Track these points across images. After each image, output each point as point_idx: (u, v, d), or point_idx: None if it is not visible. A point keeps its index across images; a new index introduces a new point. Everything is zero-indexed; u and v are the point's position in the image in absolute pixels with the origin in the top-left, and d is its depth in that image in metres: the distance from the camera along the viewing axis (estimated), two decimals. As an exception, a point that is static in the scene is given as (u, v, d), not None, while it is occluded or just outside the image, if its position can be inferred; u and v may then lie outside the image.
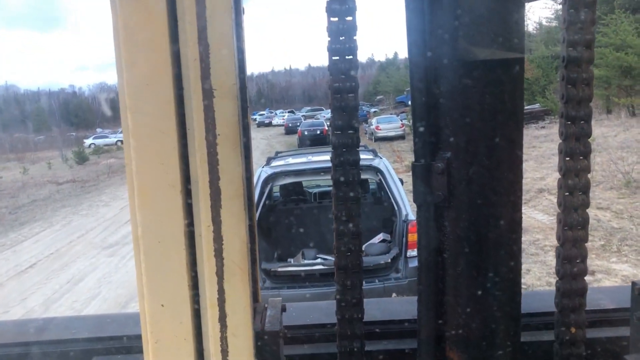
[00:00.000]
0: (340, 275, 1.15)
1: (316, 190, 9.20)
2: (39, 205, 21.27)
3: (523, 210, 1.10)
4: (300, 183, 8.60)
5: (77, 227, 16.01)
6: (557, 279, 1.20)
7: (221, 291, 0.99)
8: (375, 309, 1.46)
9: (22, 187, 26.98)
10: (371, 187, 8.67)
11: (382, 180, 7.19)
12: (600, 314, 1.38)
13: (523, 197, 1.12)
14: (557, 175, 1.14)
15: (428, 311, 1.13)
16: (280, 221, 7.99)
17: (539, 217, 11.70)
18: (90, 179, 29.20)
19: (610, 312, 1.39)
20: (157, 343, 1.00)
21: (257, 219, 1.22)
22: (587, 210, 1.14)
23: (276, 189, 8.37)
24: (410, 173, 1.11)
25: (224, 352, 1.01)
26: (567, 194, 1.12)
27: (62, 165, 38.19)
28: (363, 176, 7.58)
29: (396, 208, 6.87)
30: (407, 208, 6.69)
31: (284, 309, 1.19)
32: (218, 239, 0.97)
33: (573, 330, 1.20)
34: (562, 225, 1.15)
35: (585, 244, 1.16)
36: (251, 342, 1.03)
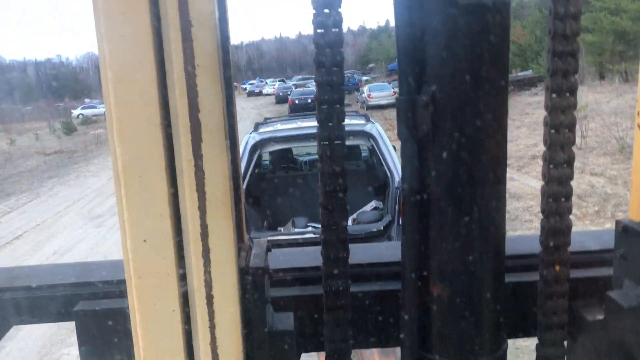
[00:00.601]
0: (325, 217, 1.15)
1: (307, 158, 9.07)
2: (25, 176, 21.11)
3: (516, 177, 1.10)
4: (290, 150, 8.42)
5: (64, 198, 15.89)
6: (542, 217, 1.20)
7: (204, 226, 0.99)
8: (361, 252, 1.46)
9: (9, 159, 26.72)
10: (363, 153, 8.55)
11: (375, 146, 6.98)
12: (584, 255, 1.39)
13: (516, 164, 1.12)
14: None
15: (412, 248, 1.13)
16: (270, 190, 7.94)
17: (532, 184, 11.72)
18: (78, 149, 28.95)
19: (594, 253, 1.40)
20: (140, 279, 1.00)
21: (245, 187, 1.22)
22: (581, 177, 1.15)
23: (265, 156, 8.25)
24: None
25: (208, 286, 1.00)
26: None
27: (49, 136, 37.82)
28: (354, 142, 7.49)
29: (389, 175, 6.71)
30: (400, 174, 6.61)
31: (269, 249, 1.19)
32: (199, 173, 0.96)
33: (557, 268, 1.21)
34: (548, 163, 1.14)
35: (571, 182, 1.16)
36: (235, 279, 1.02)
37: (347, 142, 1.16)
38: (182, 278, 1.01)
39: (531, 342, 1.35)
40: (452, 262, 1.09)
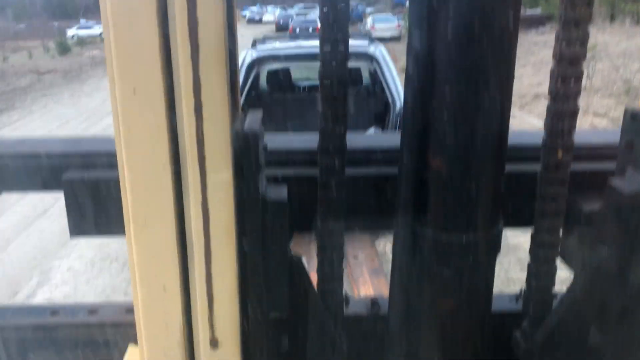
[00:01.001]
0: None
1: (306, 83, 8.84)
2: (18, 93, 20.77)
3: (518, 114, 1.07)
4: (288, 72, 8.21)
5: (57, 117, 15.67)
6: (549, 101, 1.16)
7: (197, 80, 0.94)
8: (359, 141, 1.43)
9: (2, 76, 26.18)
10: (364, 76, 8.14)
11: (377, 69, 6.69)
12: (587, 149, 1.36)
13: (519, 102, 1.08)
14: None
15: (414, 119, 1.10)
16: (265, 112, 7.79)
17: (534, 122, 11.63)
18: (73, 69, 28.35)
19: (597, 147, 1.37)
20: (129, 132, 0.96)
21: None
22: (584, 117, 1.14)
23: (263, 77, 8.02)
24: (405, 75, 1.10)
25: (200, 145, 0.97)
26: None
27: (43, 55, 36.94)
28: (355, 64, 7.27)
29: (390, 100, 6.48)
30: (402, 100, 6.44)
31: (264, 120, 1.14)
32: (192, 19, 0.90)
33: (560, 154, 1.17)
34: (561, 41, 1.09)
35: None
36: (228, 140, 0.98)
37: (349, 64, 1.13)
38: (173, 131, 0.97)
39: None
40: (453, 136, 1.06)
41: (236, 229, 1.06)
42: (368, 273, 4.43)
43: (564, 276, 1.36)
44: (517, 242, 5.00)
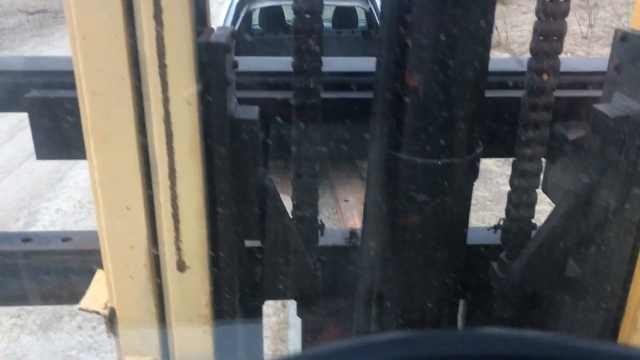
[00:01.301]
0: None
1: None
2: (7, 33, 20.18)
3: None
4: (281, 10, 7.85)
5: (49, 58, 15.35)
6: (536, 20, 1.09)
7: None
8: (337, 63, 1.36)
9: (-10, 15, 25.45)
10: (359, 17, 8.00)
11: (373, 8, 6.41)
12: (573, 75, 1.30)
13: (518, 50, 1.00)
14: None
15: (390, 37, 1.03)
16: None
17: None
18: (63, 10, 27.50)
19: (583, 74, 1.32)
20: (85, 39, 0.89)
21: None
22: None
23: (255, 17, 7.73)
24: None
25: (161, 54, 0.91)
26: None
27: (32, -6, 35.80)
28: (350, 3, 7.03)
29: None
30: None
31: (234, 35, 1.08)
32: None
33: (545, 77, 1.12)
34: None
35: None
36: (192, 51, 0.92)
37: (341, 3, 1.06)
38: (132, 40, 0.91)
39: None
40: (432, 52, 1.00)
41: (203, 149, 1.01)
42: (358, 216, 4.43)
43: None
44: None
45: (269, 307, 3.61)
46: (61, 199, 5.78)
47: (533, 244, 1.22)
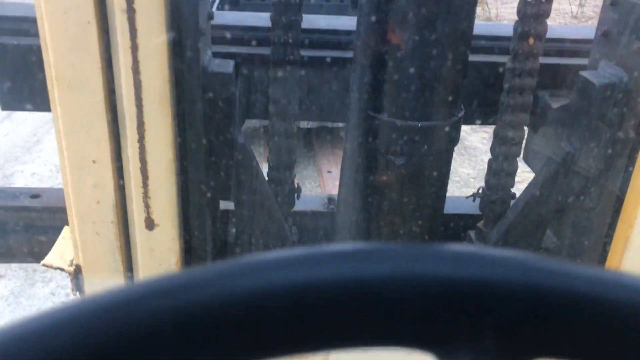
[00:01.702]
0: None
1: None
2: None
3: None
4: None
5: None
6: None
7: None
8: (317, 21, 1.31)
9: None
10: None
11: None
12: (559, 42, 1.27)
13: None
14: None
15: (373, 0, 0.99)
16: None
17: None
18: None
19: (570, 41, 1.29)
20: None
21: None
22: None
23: None
24: None
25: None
26: None
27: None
28: None
29: None
30: None
31: None
32: None
33: (531, 40, 1.09)
34: None
35: None
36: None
37: None
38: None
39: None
40: (416, 7, 0.96)
41: (174, 102, 0.97)
42: (339, 187, 4.42)
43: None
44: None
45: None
46: (37, 162, 5.66)
47: (511, 213, 1.21)
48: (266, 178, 1.21)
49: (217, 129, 1.07)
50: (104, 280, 1.08)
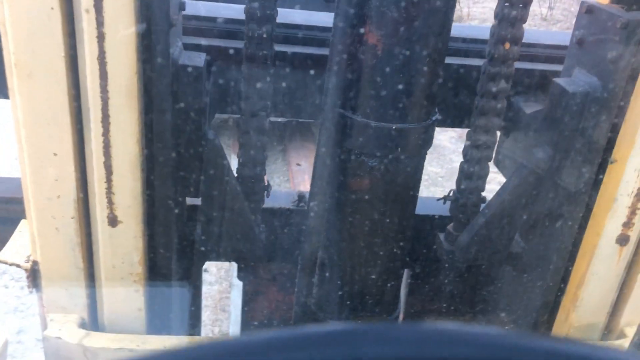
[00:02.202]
0: None
1: None
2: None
3: None
4: None
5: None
6: None
7: None
8: (293, 15, 1.29)
9: None
10: None
11: None
12: (534, 47, 1.27)
13: None
14: None
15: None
16: None
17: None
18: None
19: (545, 47, 1.29)
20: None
21: None
22: None
23: None
24: None
25: None
26: None
27: None
28: None
29: None
30: None
31: None
32: None
33: (507, 45, 1.08)
34: None
35: None
36: None
37: None
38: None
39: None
40: (395, 7, 0.94)
41: (141, 95, 0.93)
42: (309, 181, 4.39)
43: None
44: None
45: (212, 275, 3.53)
46: None
47: (481, 217, 1.21)
48: (235, 174, 1.18)
49: (186, 124, 1.03)
50: (63, 277, 1.04)
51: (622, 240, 1.06)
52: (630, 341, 1.17)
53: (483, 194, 1.26)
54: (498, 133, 1.21)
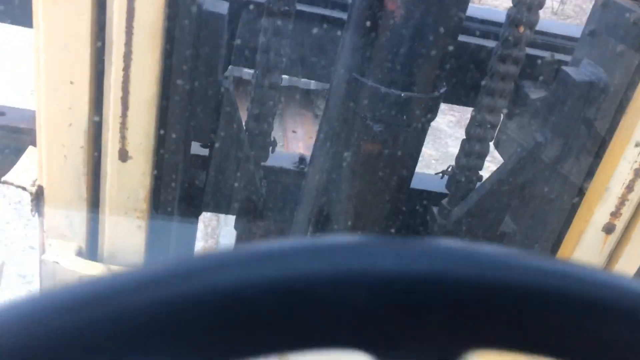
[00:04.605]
0: None
1: None
2: None
3: None
4: None
5: None
6: None
7: None
8: None
9: None
10: None
11: None
12: (549, 36, 1.30)
13: None
14: None
15: None
16: None
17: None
18: None
19: (556, 36, 1.32)
20: None
21: None
22: None
23: None
24: None
25: None
26: None
27: None
28: None
29: None
30: None
31: None
32: None
33: (521, 29, 1.11)
34: None
35: None
36: None
37: None
38: None
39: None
40: None
41: (165, 36, 0.94)
42: (303, 149, 4.40)
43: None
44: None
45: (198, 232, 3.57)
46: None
47: (476, 194, 1.24)
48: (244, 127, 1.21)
49: (204, 71, 1.05)
50: (67, 205, 1.06)
51: (609, 229, 1.11)
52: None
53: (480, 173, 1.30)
54: (502, 115, 1.24)
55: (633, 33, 1.04)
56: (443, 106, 1.25)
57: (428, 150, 5.37)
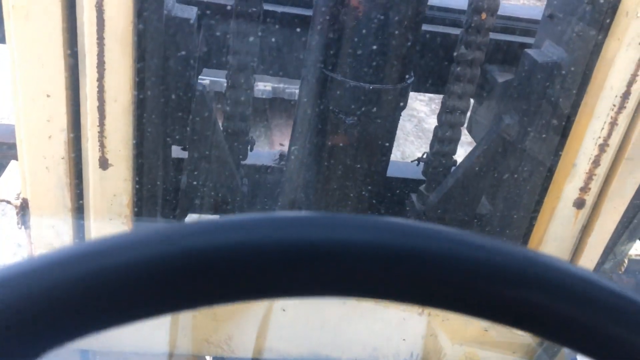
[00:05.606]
0: None
1: None
2: None
3: None
4: None
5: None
6: None
7: None
8: None
9: None
10: None
11: None
12: (511, 20, 1.34)
13: None
14: None
15: None
16: None
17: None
18: None
19: (520, 20, 1.36)
20: None
21: None
22: None
23: None
24: None
25: None
26: None
27: None
28: None
29: None
30: None
31: None
32: None
33: (483, 16, 1.14)
34: None
35: None
36: None
37: None
38: None
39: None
40: None
41: (136, 44, 0.97)
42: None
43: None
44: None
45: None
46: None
47: (451, 178, 1.28)
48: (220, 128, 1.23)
49: (177, 75, 1.08)
50: (52, 215, 1.08)
51: (579, 203, 1.15)
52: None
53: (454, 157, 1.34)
54: (472, 101, 1.28)
55: (588, 12, 1.08)
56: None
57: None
